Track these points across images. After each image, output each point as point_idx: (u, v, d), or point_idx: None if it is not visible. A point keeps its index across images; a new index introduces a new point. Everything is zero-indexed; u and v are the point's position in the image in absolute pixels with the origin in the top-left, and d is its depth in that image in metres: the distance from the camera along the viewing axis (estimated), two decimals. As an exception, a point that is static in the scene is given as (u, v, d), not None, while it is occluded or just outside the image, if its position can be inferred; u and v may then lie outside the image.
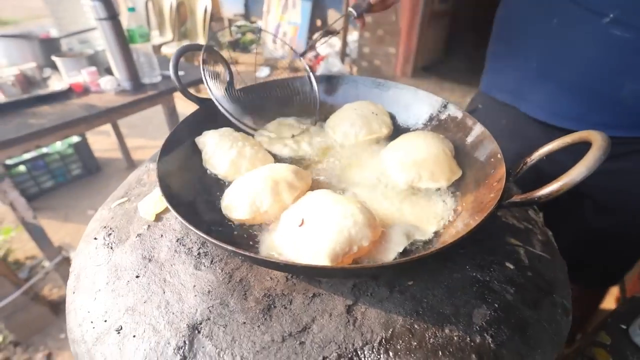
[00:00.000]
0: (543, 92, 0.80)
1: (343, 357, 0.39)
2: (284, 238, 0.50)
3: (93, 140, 2.67)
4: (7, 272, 1.60)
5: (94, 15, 1.45)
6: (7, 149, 1.33)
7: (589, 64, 0.70)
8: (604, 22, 0.65)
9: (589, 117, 0.76)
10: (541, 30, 0.77)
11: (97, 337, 0.44)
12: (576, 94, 0.75)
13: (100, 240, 0.57)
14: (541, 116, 0.82)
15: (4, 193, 1.42)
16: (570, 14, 0.70)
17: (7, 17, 6.71)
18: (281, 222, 0.52)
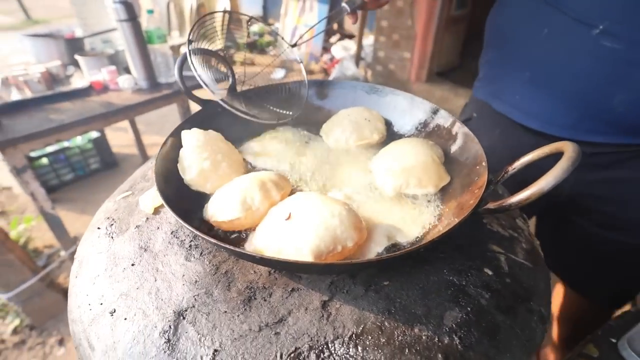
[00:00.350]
0: (536, 101, 0.81)
1: (314, 348, 0.42)
2: (270, 231, 0.50)
3: (111, 136, 2.78)
4: (26, 259, 1.68)
5: (115, 17, 1.53)
6: (30, 142, 1.41)
7: (580, 74, 0.71)
8: (593, 33, 0.65)
9: (582, 125, 0.76)
10: (532, 40, 0.77)
11: (93, 318, 0.48)
12: (569, 103, 0.75)
13: (103, 230, 0.61)
14: (535, 125, 0.82)
15: (26, 183, 1.51)
16: (560, 24, 0.71)
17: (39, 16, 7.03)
18: (268, 216, 0.54)
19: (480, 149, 0.59)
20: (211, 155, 0.62)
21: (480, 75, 0.99)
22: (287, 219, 0.49)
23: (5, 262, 1.57)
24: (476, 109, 1.01)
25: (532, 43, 0.77)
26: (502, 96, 0.89)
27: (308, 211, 0.49)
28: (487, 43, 0.94)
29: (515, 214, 0.67)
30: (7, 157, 1.40)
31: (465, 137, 0.64)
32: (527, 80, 0.80)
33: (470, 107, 1.04)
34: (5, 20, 7.04)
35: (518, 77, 0.83)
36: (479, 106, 0.99)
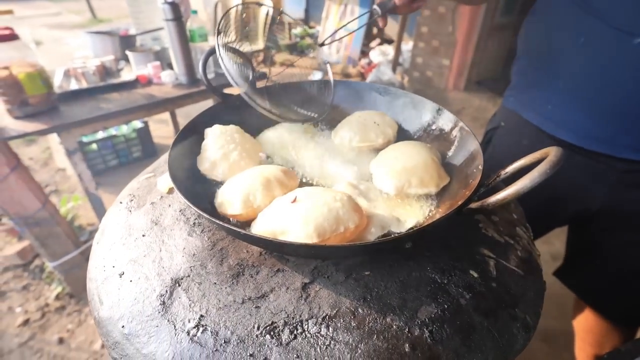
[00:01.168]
0: (569, 112, 0.78)
1: (289, 324, 0.45)
2: (275, 214, 0.53)
3: (154, 128, 2.99)
4: (71, 234, 1.86)
5: (163, 17, 1.66)
6: (81, 127, 1.57)
7: (618, 84, 0.68)
8: (635, 42, 0.63)
9: (617, 139, 0.73)
10: (568, 49, 0.74)
11: (105, 278, 0.55)
12: (604, 116, 0.72)
13: (124, 204, 0.68)
14: (566, 137, 0.79)
15: (75, 165, 1.68)
16: (598, 33, 0.68)
17: (104, 16, 7.69)
18: (273, 203, 0.57)
19: (479, 151, 0.59)
20: (224, 145, 0.67)
21: (512, 84, 0.97)
22: (292, 201, 0.52)
23: (54, 234, 1.75)
24: (504, 118, 0.99)
25: (567, 52, 0.75)
26: (533, 106, 0.87)
27: (312, 196, 0.53)
28: (520, 52, 0.92)
29: (517, 222, 0.66)
30: (62, 140, 1.57)
31: (466, 140, 0.65)
32: (560, 90, 0.78)
33: (499, 116, 1.03)
34: (75, 19, 7.79)
35: (551, 87, 0.81)
36: (508, 115, 0.97)
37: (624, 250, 0.86)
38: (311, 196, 0.52)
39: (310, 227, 0.48)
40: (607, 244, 0.89)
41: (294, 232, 0.48)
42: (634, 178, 0.76)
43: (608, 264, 0.91)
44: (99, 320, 0.51)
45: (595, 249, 0.93)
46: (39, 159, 2.98)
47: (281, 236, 0.49)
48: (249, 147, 0.69)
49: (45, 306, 1.91)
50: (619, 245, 0.86)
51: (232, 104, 0.81)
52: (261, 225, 0.54)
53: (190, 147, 0.68)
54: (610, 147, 0.74)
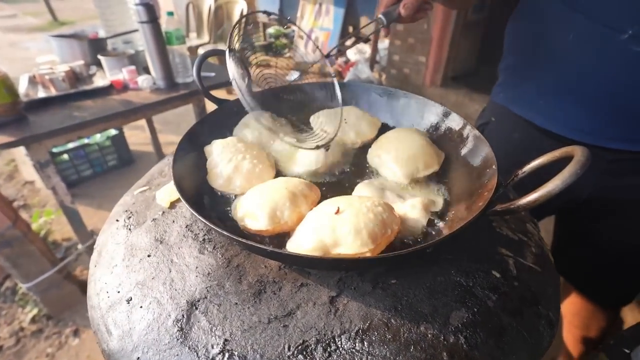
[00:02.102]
0: (560, 107, 0.80)
1: (321, 342, 0.43)
2: (318, 227, 0.50)
3: (129, 134, 2.85)
4: (46, 251, 1.74)
5: (136, 18, 1.58)
6: (53, 138, 1.47)
7: (606, 79, 0.70)
8: (622, 38, 0.65)
9: (606, 131, 0.75)
10: (557, 45, 0.76)
11: (111, 305, 0.51)
12: (594, 109, 0.75)
13: (121, 222, 0.64)
14: (558, 130, 0.81)
15: (48, 178, 1.57)
16: (587, 30, 0.70)
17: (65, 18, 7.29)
18: (309, 217, 0.54)
19: (491, 152, 0.59)
20: (233, 158, 0.64)
21: (500, 81, 0.98)
22: (336, 213, 0.51)
23: (27, 253, 1.64)
24: (495, 114, 1.01)
25: (557, 49, 0.77)
26: (524, 101, 0.89)
27: (351, 205, 0.52)
28: (507, 49, 0.93)
29: (526, 218, 0.67)
30: (32, 152, 1.46)
31: (476, 141, 0.65)
32: (551, 86, 0.80)
33: (489, 111, 1.04)
34: (34, 22, 7.33)
35: (542, 83, 0.82)
36: (498, 110, 0.99)
37: (609, 236, 0.90)
38: (351, 205, 0.52)
39: (364, 234, 0.47)
40: (593, 231, 0.93)
41: (348, 243, 0.47)
42: (620, 167, 0.79)
43: (594, 250, 0.95)
44: (109, 352, 0.46)
45: (582, 236, 0.97)
46: (3, 172, 2.78)
47: (334, 249, 0.48)
48: (257, 153, 0.67)
49: (19, 331, 1.78)
50: (605, 231, 0.90)
51: (229, 109, 0.78)
52: (306, 241, 0.50)
53: (191, 157, 0.65)
54: (599, 139, 0.76)
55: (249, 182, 0.63)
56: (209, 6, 3.76)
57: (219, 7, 3.81)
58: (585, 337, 1.17)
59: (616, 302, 1.06)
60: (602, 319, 1.10)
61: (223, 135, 0.72)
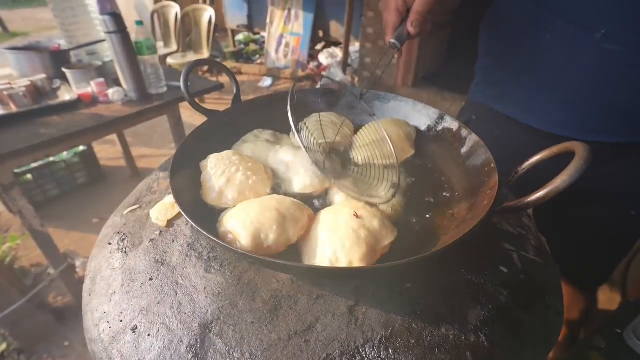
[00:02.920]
0: (541, 103, 0.84)
1: (345, 354, 0.42)
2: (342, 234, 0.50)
3: (98, 149, 2.72)
4: (13, 279, 1.62)
5: (103, 29, 1.51)
6: (18, 158, 1.37)
7: (583, 76, 0.74)
8: (596, 37, 0.69)
9: (587, 125, 0.79)
10: (534, 45, 0.80)
11: (114, 336, 0.47)
12: (573, 104, 0.78)
13: (115, 245, 0.60)
14: (541, 126, 0.85)
15: (14, 201, 1.46)
16: (563, 30, 0.74)
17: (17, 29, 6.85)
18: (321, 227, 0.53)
19: (487, 151, 0.61)
20: (226, 171, 0.61)
21: (477, 80, 1.01)
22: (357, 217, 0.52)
23: (-8, 284, 1.51)
24: (475, 112, 1.03)
25: (534, 48, 0.80)
26: (505, 99, 0.91)
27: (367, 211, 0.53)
28: (484, 49, 0.96)
29: (521, 212, 0.69)
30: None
31: (472, 141, 0.66)
32: (531, 84, 0.83)
33: (468, 110, 1.07)
34: (-20, 34, 6.83)
35: (522, 81, 0.85)
36: (478, 109, 1.01)
37: (588, 221, 0.95)
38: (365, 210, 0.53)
39: None
40: (571, 217, 0.98)
41: None
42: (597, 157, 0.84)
43: (572, 235, 1.00)
44: (118, 387, 0.43)
45: (560, 223, 1.02)
46: (-44, 198, 2.56)
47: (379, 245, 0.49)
48: (252, 165, 0.64)
49: (-13, 369, 1.64)
50: (583, 217, 0.95)
51: (219, 119, 0.75)
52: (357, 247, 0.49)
53: (187, 173, 0.62)
54: (578, 132, 0.80)
55: (242, 195, 0.60)
56: (175, 14, 3.66)
57: (185, 14, 3.72)
58: (568, 320, 1.23)
59: (594, 284, 1.12)
60: (582, 301, 1.16)
61: (216, 147, 0.70)
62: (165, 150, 3.04)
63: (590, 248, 0.98)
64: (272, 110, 0.81)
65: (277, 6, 4.50)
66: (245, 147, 0.74)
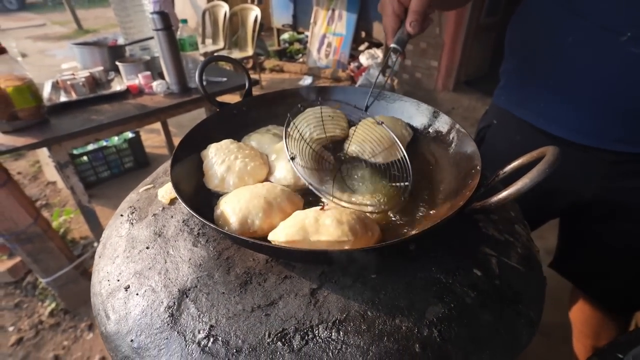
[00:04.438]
0: (561, 109, 0.80)
1: (299, 330, 0.45)
2: (304, 217, 0.53)
3: (145, 137, 2.96)
4: (64, 248, 1.83)
5: (152, 26, 1.65)
6: (73, 140, 1.55)
7: (607, 81, 0.70)
8: (621, 40, 0.65)
9: (608, 133, 0.75)
10: (557, 48, 0.77)
11: (110, 292, 0.54)
12: (595, 111, 0.75)
13: (125, 217, 0.68)
14: (560, 133, 0.82)
15: (67, 178, 1.65)
16: (586, 32, 0.70)
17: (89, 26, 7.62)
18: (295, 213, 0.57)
19: (476, 152, 0.60)
20: (226, 158, 0.67)
21: (501, 84, 0.99)
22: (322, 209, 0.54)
23: (46, 249, 1.72)
24: (496, 116, 1.01)
25: (556, 51, 0.77)
26: (525, 104, 0.89)
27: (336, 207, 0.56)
28: (508, 52, 0.94)
29: (516, 220, 0.68)
30: (53, 153, 1.55)
31: (463, 141, 0.66)
32: (551, 88, 0.81)
33: (490, 114, 1.05)
34: (60, 30, 7.70)
35: (542, 85, 0.83)
36: (500, 113, 0.99)
37: (615, 239, 0.89)
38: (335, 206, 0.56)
39: (345, 227, 0.50)
40: (599, 233, 0.92)
41: (329, 231, 0.50)
42: (623, 169, 0.79)
43: (600, 252, 0.94)
44: (106, 335, 0.50)
45: (588, 238, 0.96)
46: (28, 173, 2.93)
47: (315, 236, 0.51)
48: (249, 152, 0.70)
49: (39, 323, 1.87)
50: (610, 234, 0.89)
51: (229, 112, 0.81)
52: (289, 229, 0.52)
53: (189, 158, 0.68)
54: (600, 141, 0.76)
55: (242, 180, 0.65)
56: (224, 13, 3.87)
57: (233, 14, 3.91)
58: (596, 347, 1.14)
59: (625, 307, 1.03)
60: (613, 327, 1.08)
61: (222, 136, 0.76)
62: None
63: (623, 266, 0.92)
64: (280, 105, 0.86)
65: (321, 6, 4.57)
66: (253, 137, 0.79)
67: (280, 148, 0.71)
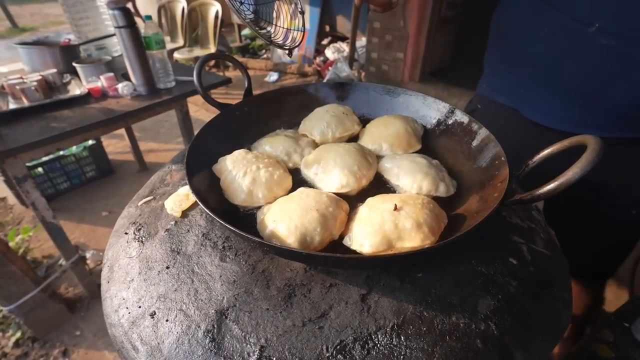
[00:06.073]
0: (540, 97, 0.84)
1: (359, 340, 0.43)
2: (383, 222, 0.51)
3: (107, 143, 2.75)
4: (27, 270, 1.65)
5: (113, 24, 1.52)
6: (31, 151, 1.39)
7: (578, 70, 0.74)
8: (590, 31, 0.68)
9: (585, 119, 0.80)
10: (534, 39, 0.81)
11: (133, 321, 0.49)
12: (570, 99, 0.79)
13: (131, 234, 0.61)
14: (540, 119, 0.85)
15: (27, 193, 1.49)
16: (559, 23, 0.74)
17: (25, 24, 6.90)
18: (365, 215, 0.54)
19: (498, 144, 0.61)
20: (248, 170, 0.62)
21: (484, 74, 1.02)
22: (395, 210, 0.52)
23: (7, 274, 1.55)
24: (480, 102, 1.04)
25: (534, 42, 0.80)
26: (506, 91, 0.92)
27: (406, 203, 0.54)
28: (491, 42, 0.97)
29: (531, 206, 0.70)
30: (7, 166, 1.38)
31: (482, 134, 0.67)
32: (530, 77, 0.84)
33: (475, 101, 1.08)
34: (-10, 29, 6.90)
35: (522, 74, 0.86)
36: (483, 99, 1.03)
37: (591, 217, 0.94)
38: (406, 203, 0.53)
39: (425, 229, 0.50)
40: (578, 213, 0.98)
41: (412, 236, 0.50)
42: None
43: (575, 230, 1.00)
44: (138, 370, 0.45)
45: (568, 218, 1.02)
46: (-30, 191, 2.61)
47: (398, 243, 0.50)
48: (268, 160, 0.65)
49: (2, 357, 1.69)
50: (586, 213, 0.95)
51: (231, 114, 0.76)
52: (371, 238, 0.50)
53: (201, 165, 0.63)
54: (579, 127, 0.80)
55: (271, 191, 0.61)
56: (182, 9, 3.66)
57: (192, 9, 3.72)
58: (573, 315, 1.23)
59: (599, 279, 1.12)
60: (587, 297, 1.16)
61: (229, 140, 0.71)
62: (173, 145, 3.06)
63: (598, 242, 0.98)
64: (283, 103, 0.82)
65: (283, 1, 4.48)
66: (264, 142, 0.75)
67: (318, 159, 0.68)
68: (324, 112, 0.78)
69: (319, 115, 0.78)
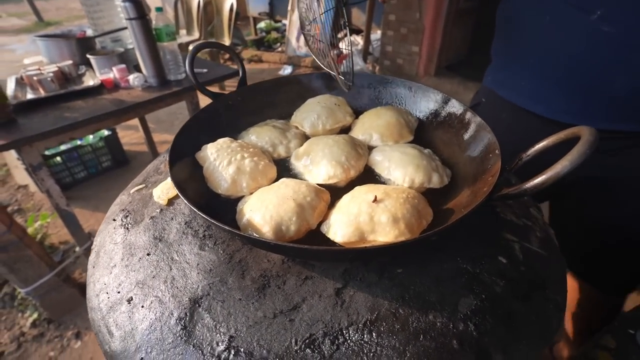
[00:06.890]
0: (541, 88, 0.81)
1: (329, 335, 0.42)
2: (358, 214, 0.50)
3: (122, 135, 2.82)
4: (43, 255, 1.72)
5: (124, 15, 1.54)
6: (45, 140, 1.44)
7: (580, 59, 0.71)
8: (592, 18, 0.66)
9: (586, 111, 0.76)
10: (536, 28, 0.78)
11: (111, 306, 0.49)
12: (572, 90, 0.75)
13: (118, 221, 0.62)
14: (540, 111, 0.82)
15: (42, 181, 1.54)
16: (561, 11, 0.71)
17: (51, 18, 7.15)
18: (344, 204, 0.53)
19: (493, 137, 0.58)
20: (232, 159, 0.61)
21: (490, 65, 1.00)
22: (374, 201, 0.50)
23: (24, 258, 1.61)
24: (485, 96, 1.02)
25: (536, 31, 0.78)
26: (508, 83, 0.90)
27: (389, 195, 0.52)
28: (496, 32, 0.94)
29: (529, 203, 0.66)
30: (24, 155, 1.43)
31: (478, 126, 0.64)
32: (531, 67, 0.81)
33: (480, 94, 1.06)
34: (19, 23, 7.19)
35: (524, 64, 0.84)
36: (487, 92, 1.00)
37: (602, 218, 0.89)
38: (388, 195, 0.51)
39: (401, 224, 0.48)
40: (586, 213, 0.92)
41: (385, 231, 0.48)
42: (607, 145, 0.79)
43: (588, 233, 0.94)
44: (111, 354, 0.45)
45: (576, 219, 0.97)
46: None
47: (371, 235, 0.48)
48: (253, 150, 0.64)
49: (20, 336, 1.77)
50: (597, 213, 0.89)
51: (223, 103, 0.76)
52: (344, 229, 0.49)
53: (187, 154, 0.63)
54: (580, 119, 0.77)
55: (255, 181, 0.60)
56: (198, 2, 3.70)
57: (208, 3, 3.75)
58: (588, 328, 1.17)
59: (617, 288, 1.03)
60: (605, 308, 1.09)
61: (218, 129, 0.71)
62: (186, 137, 3.11)
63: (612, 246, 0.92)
64: (276, 93, 0.81)
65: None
66: (252, 132, 0.74)
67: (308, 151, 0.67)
68: (315, 104, 0.76)
69: (310, 106, 0.77)
